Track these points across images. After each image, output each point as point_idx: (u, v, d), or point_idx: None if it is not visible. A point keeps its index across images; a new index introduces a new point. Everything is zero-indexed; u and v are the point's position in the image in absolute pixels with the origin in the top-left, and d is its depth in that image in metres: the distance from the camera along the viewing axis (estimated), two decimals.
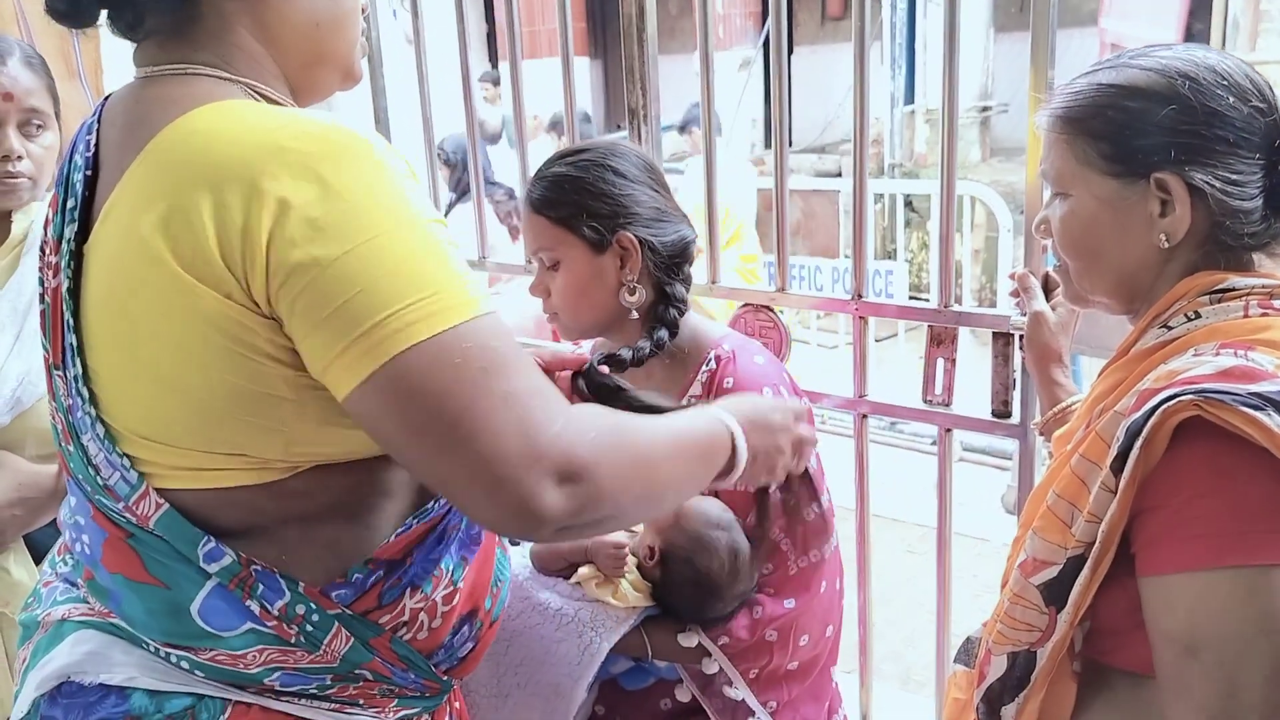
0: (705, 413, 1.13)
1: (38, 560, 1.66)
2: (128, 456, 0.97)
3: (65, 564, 1.11)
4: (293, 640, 0.99)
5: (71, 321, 0.98)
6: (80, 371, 0.98)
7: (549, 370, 1.44)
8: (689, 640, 1.48)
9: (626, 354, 1.53)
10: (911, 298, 5.33)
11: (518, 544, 1.55)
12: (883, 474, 3.16)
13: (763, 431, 1.17)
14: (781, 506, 1.50)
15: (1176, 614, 0.98)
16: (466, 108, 2.26)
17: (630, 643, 1.47)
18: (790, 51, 1.72)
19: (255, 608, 0.97)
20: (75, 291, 0.98)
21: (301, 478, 0.98)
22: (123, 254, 0.93)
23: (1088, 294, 1.18)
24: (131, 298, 0.92)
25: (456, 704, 1.25)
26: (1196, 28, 5.44)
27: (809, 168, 8.79)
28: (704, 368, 1.58)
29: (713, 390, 1.55)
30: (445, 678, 1.13)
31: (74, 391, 0.98)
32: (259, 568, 0.98)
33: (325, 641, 1.00)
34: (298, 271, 0.86)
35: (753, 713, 1.50)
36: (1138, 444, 0.97)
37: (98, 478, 0.99)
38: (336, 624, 1.00)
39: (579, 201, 1.50)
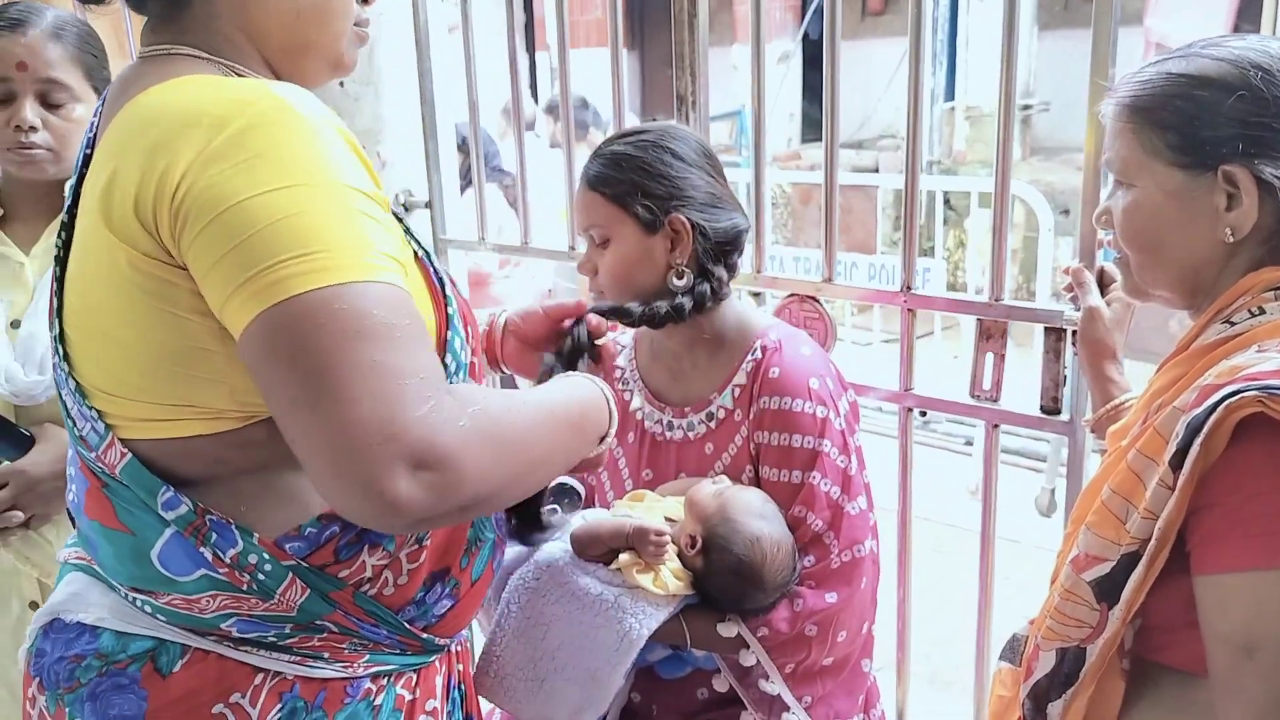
0: (581, 382, 1.18)
1: None
2: (95, 409, 1.02)
3: None
4: (245, 588, 1.01)
5: (55, 287, 1.06)
6: (59, 332, 1.05)
7: (549, 316, 1.46)
8: (728, 630, 1.47)
9: (636, 308, 1.52)
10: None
11: None
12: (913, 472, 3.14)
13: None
14: (826, 498, 1.50)
15: (1232, 614, 0.96)
16: (514, 93, 2.25)
17: (669, 631, 1.47)
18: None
19: (209, 555, 1.00)
20: (64, 260, 1.05)
21: (258, 427, 0.99)
22: (85, 223, 1.00)
23: (1148, 288, 1.17)
24: (86, 260, 1.00)
25: (460, 666, 1.26)
26: (1244, 28, 5.36)
27: (846, 163, 8.73)
28: (749, 357, 1.57)
29: (758, 380, 1.55)
30: (425, 635, 1.13)
31: (55, 350, 1.06)
32: (214, 517, 1.00)
33: (279, 591, 1.01)
34: (195, 216, 0.89)
35: (788, 707, 1.49)
36: (1198, 440, 0.96)
37: (75, 429, 1.05)
38: (291, 575, 1.01)
39: (635, 180, 1.50)
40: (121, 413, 1.01)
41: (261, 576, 1.00)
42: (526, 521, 1.32)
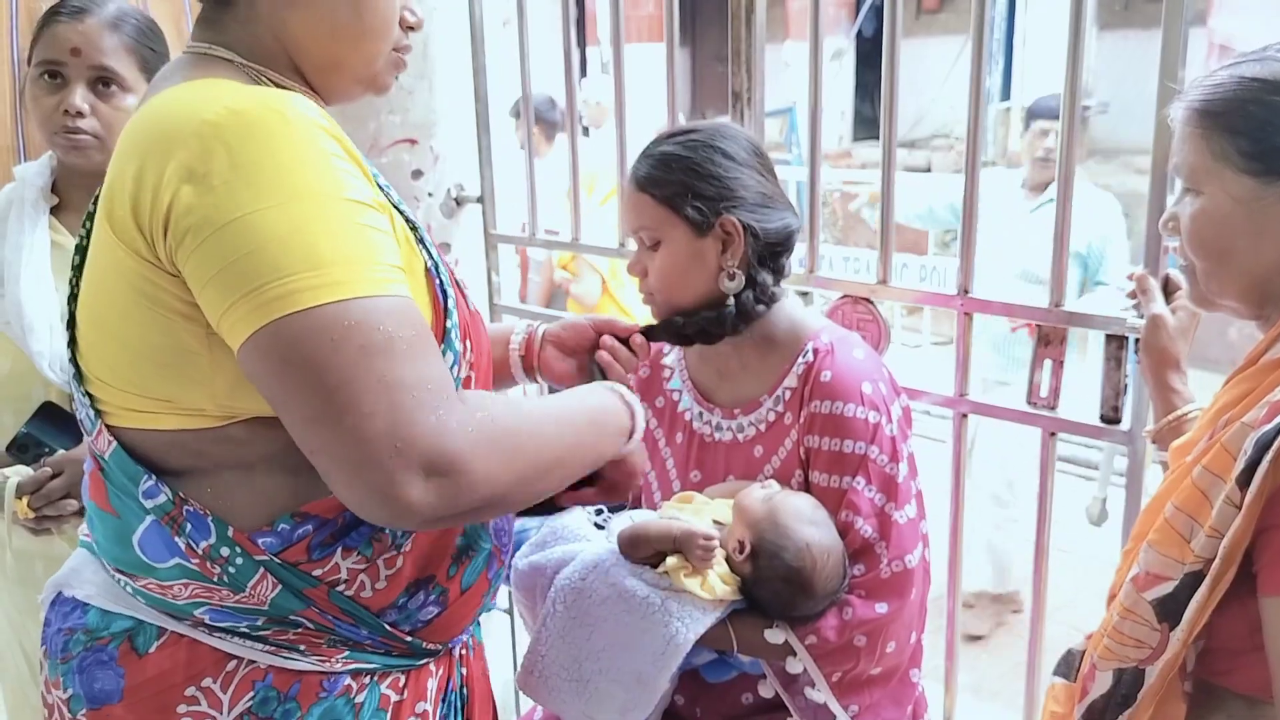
0: (600, 387, 1.21)
1: None
2: (89, 395, 1.07)
3: None
4: (215, 579, 1.03)
5: (74, 275, 1.11)
6: (69, 317, 1.10)
7: (595, 330, 1.46)
8: (776, 637, 1.46)
9: (679, 320, 1.51)
10: None
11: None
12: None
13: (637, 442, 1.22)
14: (870, 504, 1.47)
15: None
16: (568, 87, 2.24)
17: (715, 635, 1.45)
18: (881, 44, 1.70)
19: (182, 544, 1.03)
20: (84, 249, 1.10)
21: (240, 426, 1.01)
22: (97, 218, 1.03)
23: (1215, 297, 1.13)
24: (95, 253, 1.04)
25: (464, 670, 1.27)
26: None
27: (898, 163, 8.64)
28: (800, 359, 1.55)
29: (808, 383, 1.53)
30: (410, 638, 1.13)
31: (65, 334, 1.11)
32: (191, 508, 1.03)
33: (249, 584, 1.03)
34: (192, 231, 0.91)
35: (834, 716, 1.47)
36: (1267, 457, 0.93)
37: (77, 413, 1.10)
38: (262, 569, 1.03)
39: (685, 181, 1.48)
40: (112, 400, 1.05)
41: (232, 570, 1.03)
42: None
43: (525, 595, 1.53)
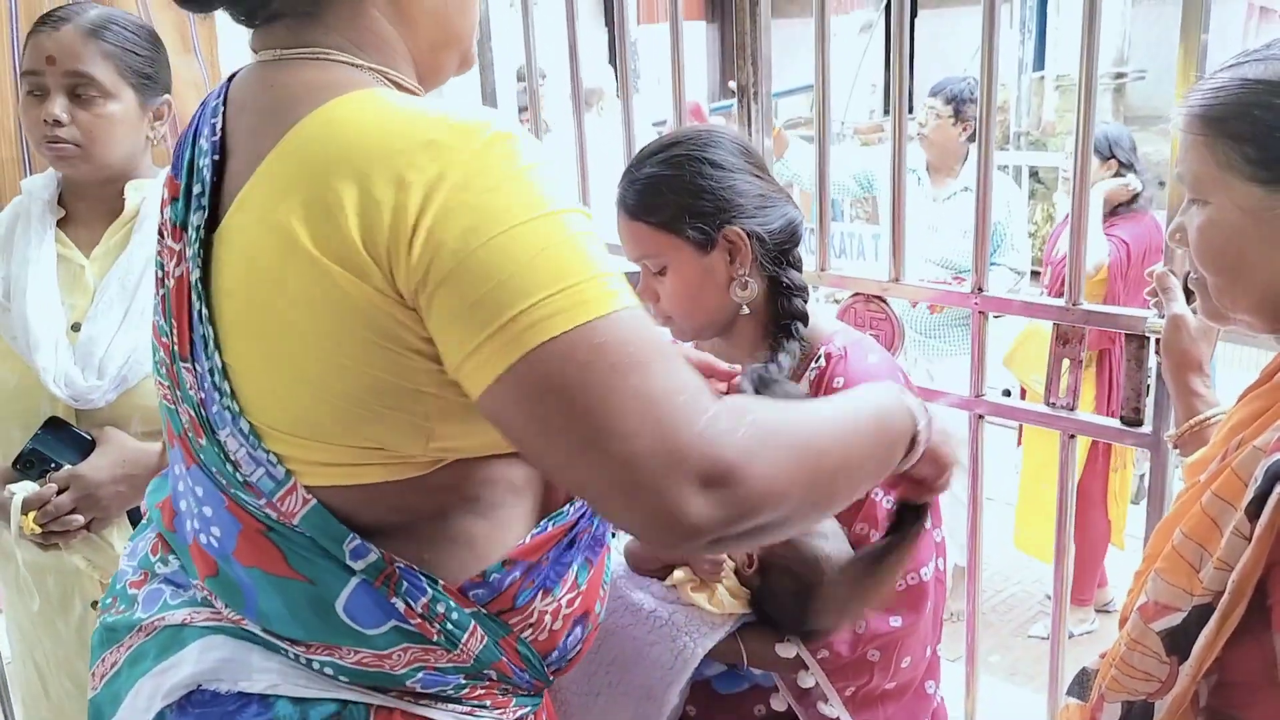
0: (874, 387, 1.06)
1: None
2: (274, 453, 0.94)
3: (166, 563, 1.09)
4: (434, 639, 0.97)
5: (205, 313, 0.95)
6: (219, 365, 0.95)
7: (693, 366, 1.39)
8: (787, 651, 1.42)
9: (774, 369, 1.44)
10: (1034, 272, 5.10)
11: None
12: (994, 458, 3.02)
13: (938, 430, 1.07)
14: (888, 514, 1.43)
15: None
16: (573, 70, 2.20)
17: (725, 649, 1.42)
18: (914, 14, 1.63)
19: (400, 605, 0.96)
20: (205, 281, 0.95)
21: (442, 472, 0.96)
22: (261, 244, 0.91)
23: (1228, 311, 1.07)
24: (273, 289, 0.90)
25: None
26: None
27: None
28: (813, 365, 1.51)
29: (821, 390, 1.48)
30: (551, 678, 1.10)
31: (210, 385, 0.96)
32: (401, 565, 0.96)
33: (463, 640, 0.99)
34: (438, 262, 0.84)
35: None
36: (1278, 489, 0.88)
37: (237, 474, 0.96)
38: (474, 623, 0.99)
39: (679, 202, 1.42)
40: (303, 455, 0.94)
41: (450, 626, 0.98)
42: None
43: None
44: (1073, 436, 1.62)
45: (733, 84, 1.98)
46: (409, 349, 0.88)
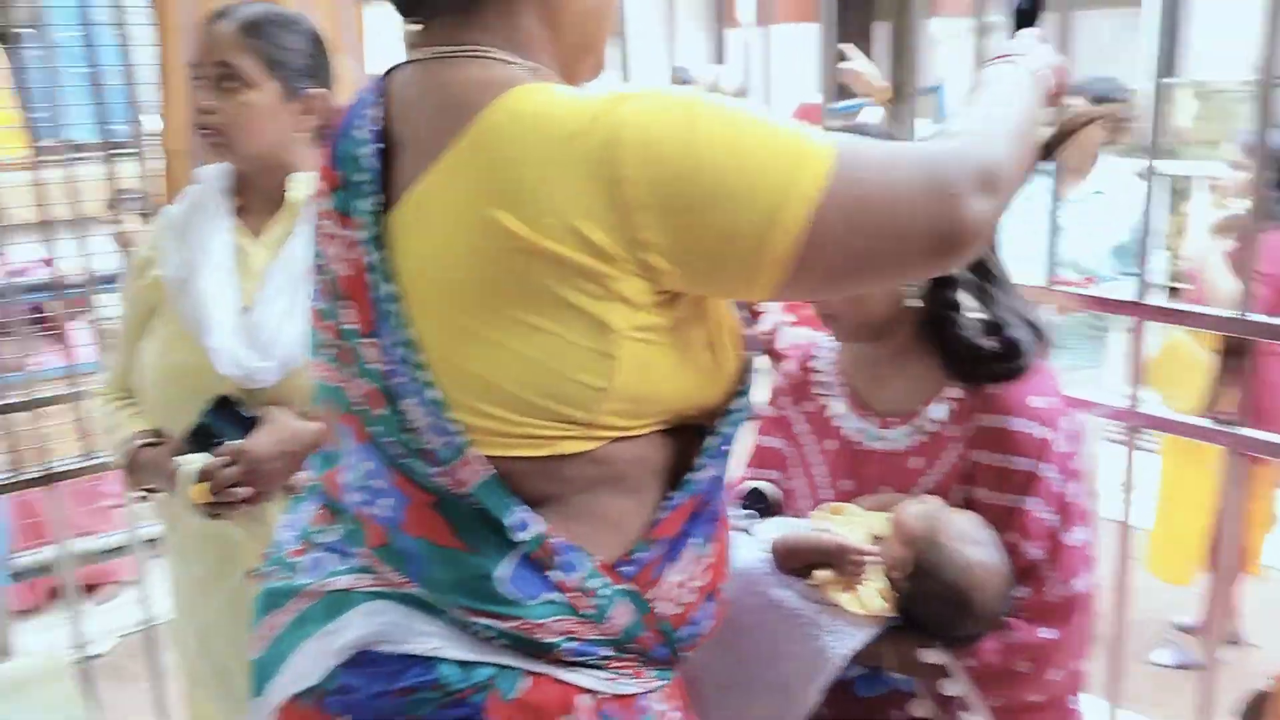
0: (998, 72, 1.17)
1: None
2: (459, 422, 0.99)
3: (328, 533, 1.13)
4: (585, 612, 1.02)
5: (391, 290, 1.00)
6: (408, 338, 0.99)
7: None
8: (934, 657, 1.40)
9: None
10: (1170, 288, 4.91)
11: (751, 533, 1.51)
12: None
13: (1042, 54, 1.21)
14: (1044, 527, 1.40)
15: None
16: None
17: (868, 651, 1.40)
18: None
19: (556, 578, 1.00)
20: (384, 262, 1.00)
21: (611, 447, 1.01)
22: (454, 229, 0.96)
23: None
24: (469, 268, 0.96)
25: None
26: None
27: None
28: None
29: (975, 393, 1.46)
30: (682, 653, 1.12)
31: (397, 358, 1.00)
32: (558, 540, 1.00)
33: (610, 614, 1.03)
34: (675, 226, 0.92)
35: None
36: None
37: (416, 442, 1.00)
38: (622, 598, 1.03)
39: None
40: (484, 425, 0.98)
41: (600, 601, 1.02)
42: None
43: None
44: (1241, 453, 1.56)
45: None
46: (614, 315, 0.94)
